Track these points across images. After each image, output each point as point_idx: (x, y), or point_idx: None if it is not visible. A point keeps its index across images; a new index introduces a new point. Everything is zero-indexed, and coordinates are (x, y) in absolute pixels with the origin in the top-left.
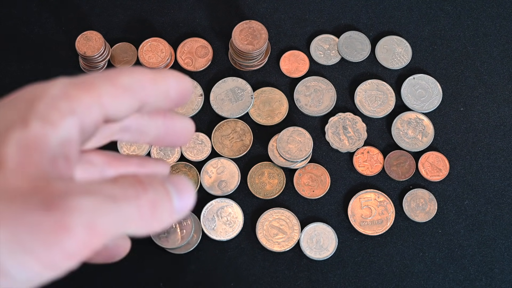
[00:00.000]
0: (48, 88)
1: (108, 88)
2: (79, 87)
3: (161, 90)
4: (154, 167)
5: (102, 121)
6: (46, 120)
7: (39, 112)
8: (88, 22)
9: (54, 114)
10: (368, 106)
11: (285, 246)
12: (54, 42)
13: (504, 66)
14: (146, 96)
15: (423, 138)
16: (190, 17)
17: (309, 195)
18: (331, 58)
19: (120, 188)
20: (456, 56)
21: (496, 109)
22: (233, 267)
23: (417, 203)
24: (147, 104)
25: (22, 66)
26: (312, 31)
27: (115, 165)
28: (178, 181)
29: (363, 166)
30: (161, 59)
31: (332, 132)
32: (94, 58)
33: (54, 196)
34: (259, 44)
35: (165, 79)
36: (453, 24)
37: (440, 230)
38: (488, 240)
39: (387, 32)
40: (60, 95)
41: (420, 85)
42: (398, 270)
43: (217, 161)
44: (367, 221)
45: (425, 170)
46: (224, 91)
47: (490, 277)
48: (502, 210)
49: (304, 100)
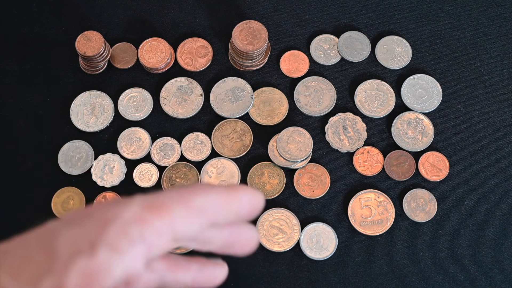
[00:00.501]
0: (123, 211)
1: (182, 211)
2: (152, 211)
3: (234, 210)
4: (213, 271)
5: (171, 243)
6: (114, 248)
7: (109, 239)
8: (88, 22)
9: (123, 242)
10: (368, 106)
11: (285, 246)
12: (54, 42)
13: (504, 66)
14: (219, 216)
15: (423, 138)
16: (190, 17)
17: (309, 195)
18: (331, 58)
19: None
20: (456, 56)
21: (496, 109)
22: (233, 267)
23: (417, 203)
24: (217, 222)
25: (22, 66)
26: (312, 31)
27: (175, 271)
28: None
29: (363, 166)
30: (161, 59)
31: (332, 132)
32: (94, 58)
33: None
34: (259, 44)
35: (239, 199)
36: (453, 24)
37: (440, 230)
38: (488, 240)
39: (387, 32)
40: (133, 220)
41: (420, 85)
42: (398, 270)
43: (217, 161)
44: (367, 221)
45: (425, 170)
46: (224, 91)
47: (490, 277)
48: (502, 210)
49: (304, 100)
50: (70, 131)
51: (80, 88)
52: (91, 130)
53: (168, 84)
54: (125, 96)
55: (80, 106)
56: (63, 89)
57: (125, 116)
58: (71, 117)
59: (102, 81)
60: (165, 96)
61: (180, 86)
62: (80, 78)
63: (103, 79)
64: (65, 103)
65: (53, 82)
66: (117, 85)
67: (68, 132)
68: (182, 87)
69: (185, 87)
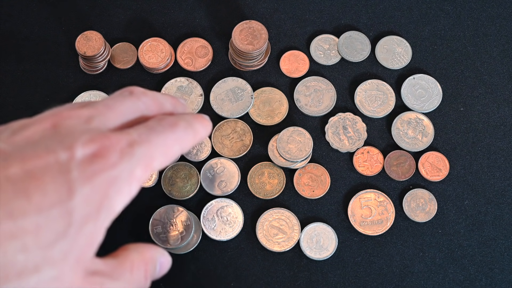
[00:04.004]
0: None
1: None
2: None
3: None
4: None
5: None
6: None
7: None
8: (88, 22)
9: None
10: (368, 106)
11: (285, 246)
12: (54, 42)
13: (504, 66)
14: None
15: (423, 138)
16: (190, 17)
17: (309, 195)
18: (331, 58)
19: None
20: (456, 56)
21: (496, 109)
22: (233, 267)
23: (417, 203)
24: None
25: (22, 66)
26: (312, 31)
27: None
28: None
29: (363, 166)
30: (161, 59)
31: (332, 132)
32: (94, 58)
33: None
34: (259, 44)
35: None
36: (453, 24)
37: (440, 230)
38: (488, 240)
39: (387, 32)
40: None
41: (420, 85)
42: (398, 270)
43: (217, 161)
44: (367, 221)
45: (425, 170)
46: (224, 91)
47: (490, 277)
48: (502, 210)
49: (304, 100)
50: None
51: (80, 88)
52: None
53: (168, 84)
54: None
55: None
56: (63, 89)
57: None
58: None
59: (102, 81)
60: None
61: (180, 86)
62: (80, 78)
63: (103, 79)
64: (65, 103)
65: (53, 82)
66: (117, 85)
67: None
68: (182, 87)
69: (185, 87)
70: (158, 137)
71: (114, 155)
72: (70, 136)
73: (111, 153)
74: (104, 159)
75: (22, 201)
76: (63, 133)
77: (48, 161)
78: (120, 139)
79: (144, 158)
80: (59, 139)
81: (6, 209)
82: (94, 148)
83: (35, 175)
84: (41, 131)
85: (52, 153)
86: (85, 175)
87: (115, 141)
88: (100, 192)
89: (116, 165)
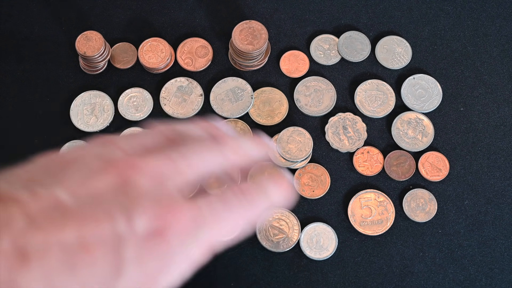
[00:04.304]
0: None
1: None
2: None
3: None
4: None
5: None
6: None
7: None
8: (88, 22)
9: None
10: (368, 106)
11: (285, 246)
12: (54, 42)
13: (504, 66)
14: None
15: (423, 138)
16: (190, 17)
17: (309, 195)
18: (331, 58)
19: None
20: (456, 56)
21: (496, 109)
22: (233, 267)
23: (417, 203)
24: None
25: (22, 66)
26: (312, 31)
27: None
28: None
29: (363, 166)
30: (161, 59)
31: (332, 132)
32: (94, 58)
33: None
34: (259, 44)
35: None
36: (453, 24)
37: (440, 230)
38: (488, 240)
39: (387, 32)
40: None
41: (420, 85)
42: (398, 270)
43: None
44: (367, 221)
45: (425, 170)
46: (224, 91)
47: (490, 277)
48: (502, 210)
49: (304, 100)
50: (70, 131)
51: (80, 88)
52: (91, 130)
53: (168, 84)
54: (125, 96)
55: (80, 106)
56: (63, 89)
57: (125, 116)
58: (71, 117)
59: (102, 81)
60: (165, 96)
61: (180, 86)
62: (80, 78)
63: (103, 79)
64: (65, 103)
65: (53, 82)
66: (117, 85)
67: (68, 132)
68: (182, 87)
69: (185, 87)
70: (230, 215)
71: (176, 238)
72: (135, 202)
73: (173, 234)
74: (164, 240)
75: (67, 275)
76: (130, 194)
77: (104, 231)
78: (186, 214)
79: (208, 241)
80: (123, 202)
81: (49, 281)
82: (157, 225)
83: (87, 246)
84: (107, 185)
85: (111, 220)
86: (139, 255)
87: (181, 216)
88: (150, 276)
89: (175, 249)
